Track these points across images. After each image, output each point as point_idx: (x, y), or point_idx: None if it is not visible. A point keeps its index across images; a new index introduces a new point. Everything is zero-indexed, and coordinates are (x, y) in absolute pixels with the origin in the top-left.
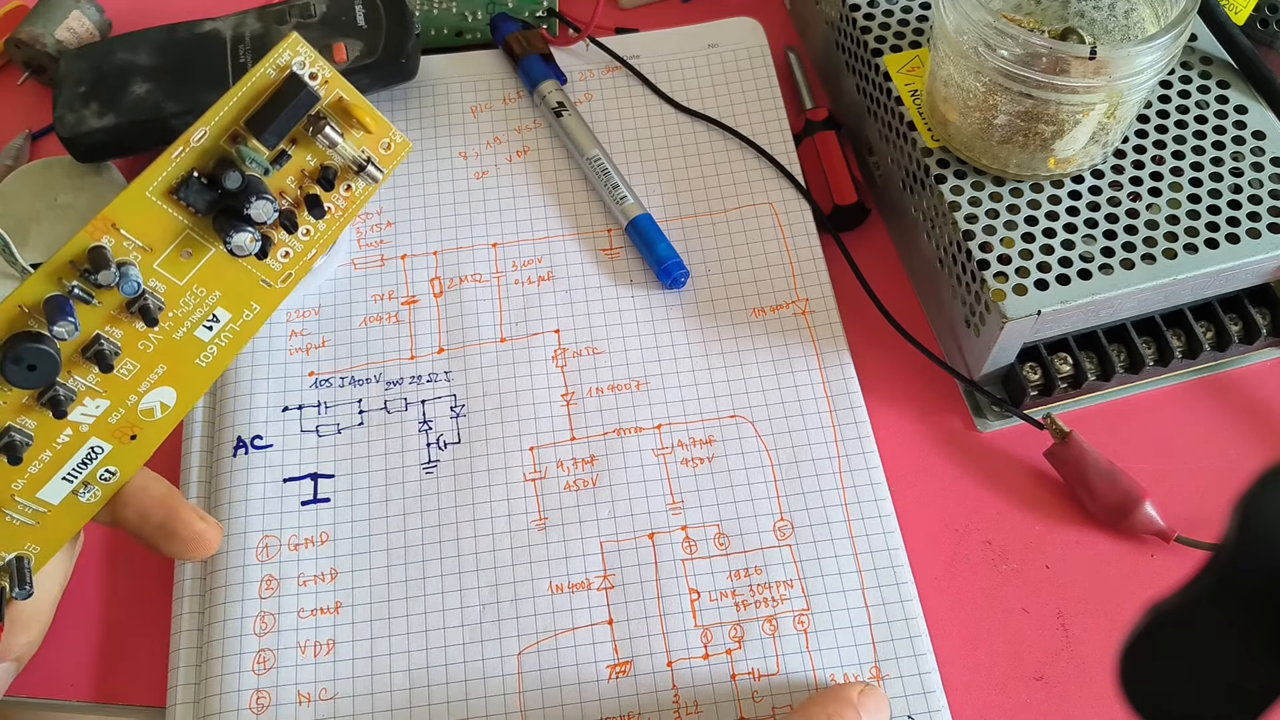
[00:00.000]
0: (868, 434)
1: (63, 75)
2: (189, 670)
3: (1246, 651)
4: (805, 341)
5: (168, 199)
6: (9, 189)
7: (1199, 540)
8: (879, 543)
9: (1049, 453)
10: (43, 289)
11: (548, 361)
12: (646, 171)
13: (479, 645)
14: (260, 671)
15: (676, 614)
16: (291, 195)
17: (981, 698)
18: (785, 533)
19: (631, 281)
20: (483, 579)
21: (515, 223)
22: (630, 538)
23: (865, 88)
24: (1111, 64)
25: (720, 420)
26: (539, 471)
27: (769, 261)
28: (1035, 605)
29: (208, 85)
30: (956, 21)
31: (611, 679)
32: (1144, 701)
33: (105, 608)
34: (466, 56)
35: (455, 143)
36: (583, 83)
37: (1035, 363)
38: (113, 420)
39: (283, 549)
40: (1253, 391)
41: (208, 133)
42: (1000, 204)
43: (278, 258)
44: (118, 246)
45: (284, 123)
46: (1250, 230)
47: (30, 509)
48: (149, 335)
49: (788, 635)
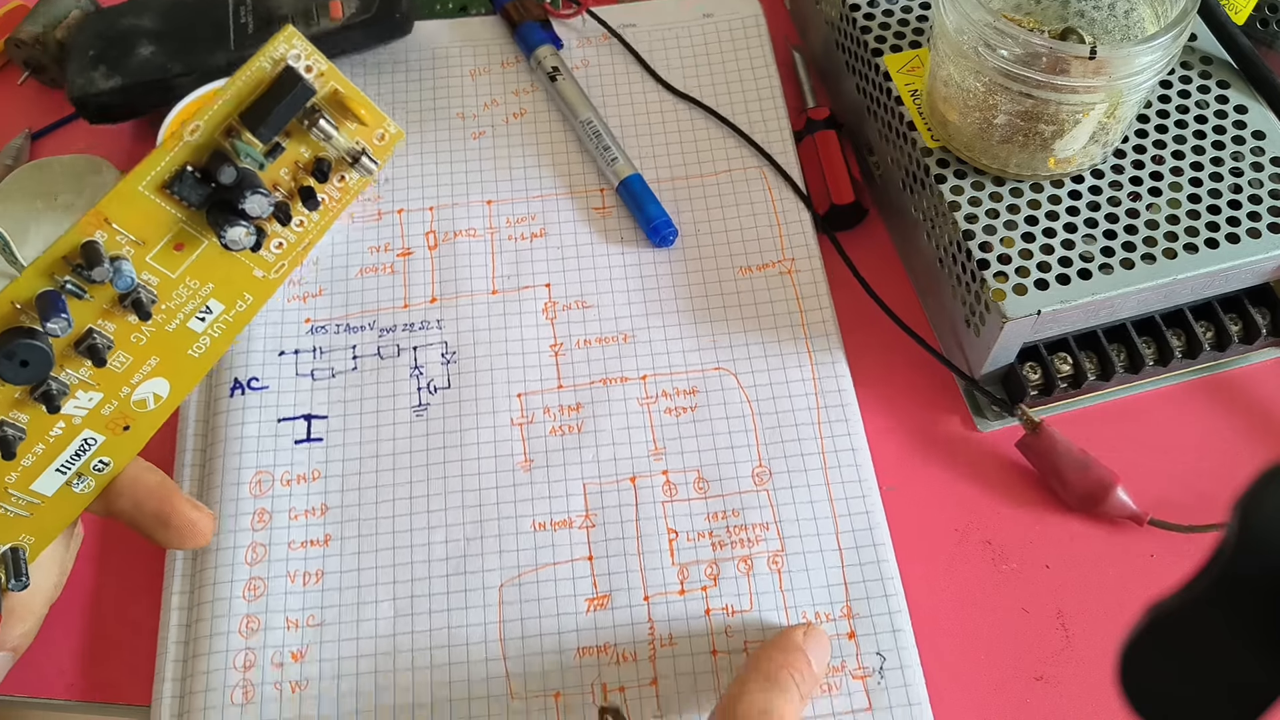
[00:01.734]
0: (848, 386)
1: (74, 42)
2: (182, 596)
3: (1246, 651)
4: (789, 299)
5: (161, 193)
6: (9, 189)
7: (1171, 522)
8: (854, 489)
9: (1020, 444)
10: (36, 285)
11: (538, 314)
12: (640, 135)
13: (462, 577)
14: (250, 598)
15: (655, 552)
16: (285, 187)
17: (982, 697)
18: (763, 478)
19: (622, 239)
20: (468, 515)
21: (510, 181)
22: (612, 480)
23: (865, 88)
24: (1111, 64)
25: (704, 372)
26: (526, 417)
27: (757, 223)
28: (1035, 605)
29: (210, 46)
30: (956, 21)
31: (590, 612)
32: (1144, 701)
33: (94, 592)
34: (467, 22)
35: (454, 104)
36: (579, 49)
37: (1035, 362)
38: (105, 412)
39: (275, 485)
40: (1253, 391)
41: (202, 127)
42: (1000, 204)
43: (271, 249)
44: (110, 241)
45: (280, 117)
46: (1250, 230)
47: (24, 501)
48: (142, 328)
49: (762, 575)
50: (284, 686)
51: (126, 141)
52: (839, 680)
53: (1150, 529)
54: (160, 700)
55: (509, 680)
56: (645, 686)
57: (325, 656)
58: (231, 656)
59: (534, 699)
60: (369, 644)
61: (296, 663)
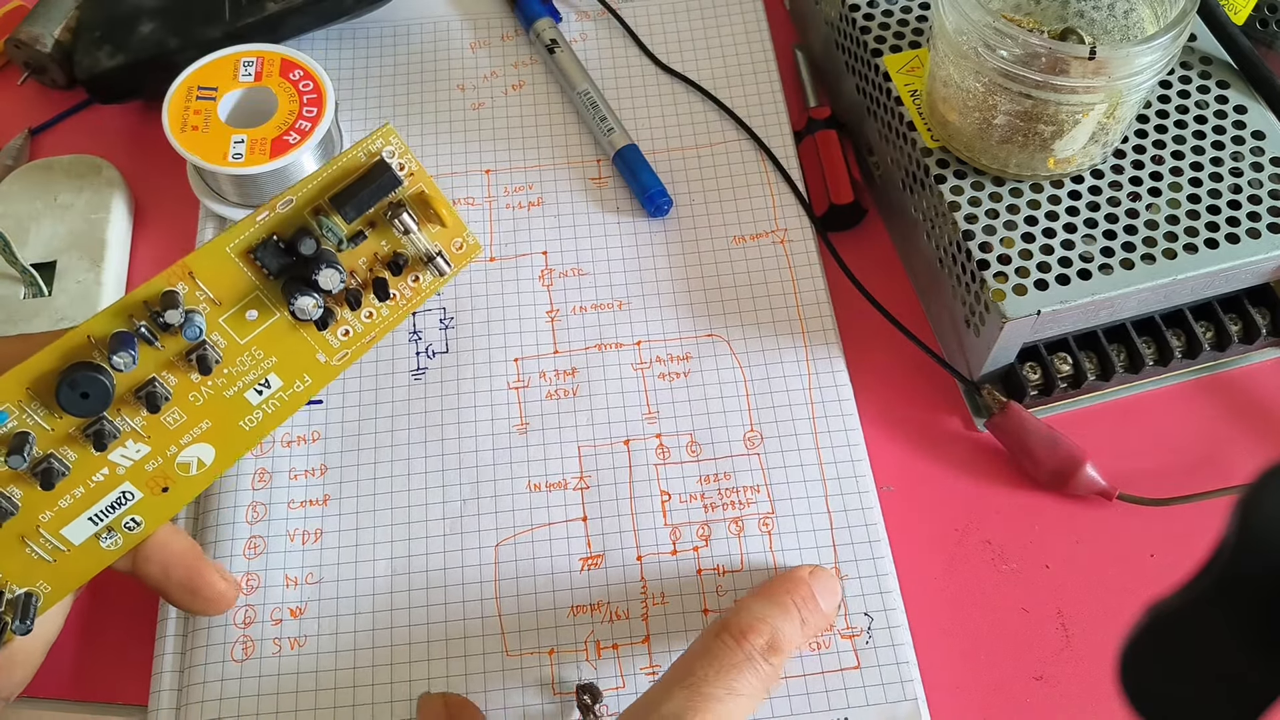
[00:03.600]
0: (838, 354)
1: (80, 23)
2: None
3: (1246, 651)
4: (782, 267)
5: (245, 258)
6: (9, 189)
7: (1140, 496)
8: (843, 454)
9: (990, 424)
10: (113, 324)
11: (534, 280)
12: (637, 107)
13: (459, 537)
14: (251, 556)
15: (648, 513)
16: (361, 276)
17: (982, 697)
18: (754, 442)
19: (618, 209)
20: (464, 476)
21: (508, 151)
22: (607, 443)
23: (865, 88)
24: (1111, 64)
25: (697, 339)
26: (522, 381)
27: (751, 193)
28: (1035, 605)
29: (206, 20)
30: (956, 22)
31: (584, 571)
32: (1144, 701)
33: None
34: None
35: (454, 76)
36: (578, 23)
37: (1035, 363)
38: (149, 468)
39: (275, 445)
40: (1253, 391)
41: (294, 201)
42: (1000, 204)
43: (337, 335)
44: (190, 295)
45: (366, 200)
46: (1250, 230)
47: (51, 545)
48: (201, 388)
49: (752, 536)
50: (283, 642)
51: (126, 141)
52: (827, 639)
53: (1151, 525)
54: (161, 656)
55: (504, 638)
56: (638, 644)
57: (324, 614)
58: (232, 613)
59: (528, 656)
60: (366, 601)
61: (295, 619)
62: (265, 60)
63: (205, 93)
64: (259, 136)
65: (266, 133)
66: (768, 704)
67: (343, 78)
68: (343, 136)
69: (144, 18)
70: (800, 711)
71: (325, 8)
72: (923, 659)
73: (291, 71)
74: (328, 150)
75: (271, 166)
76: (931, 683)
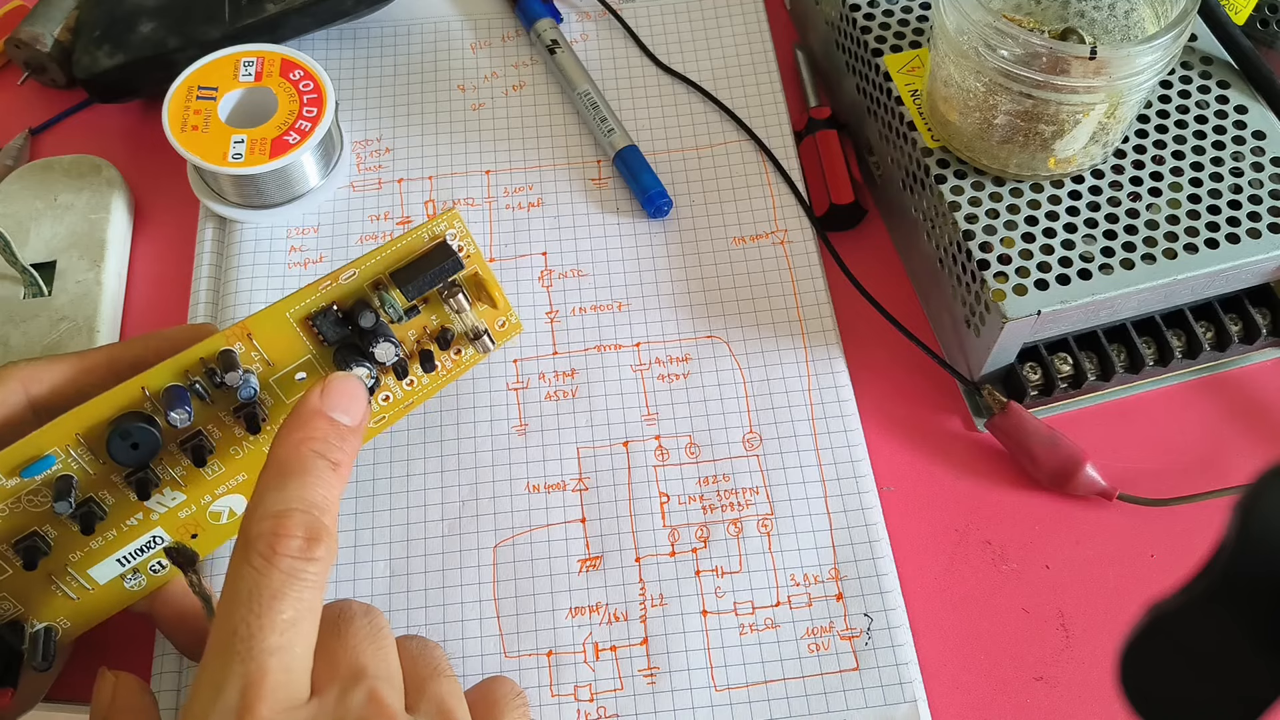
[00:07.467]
0: (838, 354)
1: (81, 22)
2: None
3: (1246, 651)
4: (782, 269)
5: (303, 324)
6: (9, 189)
7: (1140, 496)
8: (843, 455)
9: (990, 424)
10: (169, 378)
11: (534, 281)
12: (637, 108)
13: (457, 537)
14: None
15: (646, 515)
16: (409, 346)
17: (982, 698)
18: (754, 444)
19: (618, 210)
20: (463, 477)
21: (508, 152)
22: (606, 444)
23: (865, 88)
24: (1111, 64)
25: (697, 340)
26: (521, 382)
27: (751, 194)
28: (1035, 605)
29: (206, 20)
30: (956, 21)
31: (582, 572)
32: (1144, 701)
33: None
34: None
35: (455, 76)
36: (579, 24)
37: (1035, 363)
38: (183, 515)
39: None
40: (1253, 391)
41: (357, 274)
42: (1000, 204)
43: (378, 399)
44: (244, 355)
45: (427, 280)
46: (1250, 230)
47: (76, 583)
48: (243, 443)
49: (751, 537)
50: None
51: (126, 141)
52: (827, 641)
53: (1152, 525)
54: (162, 657)
55: (502, 639)
56: (636, 646)
57: None
58: None
59: (527, 657)
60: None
61: None
62: (265, 60)
63: (205, 93)
64: (259, 136)
65: (266, 133)
66: (767, 706)
67: (343, 78)
68: (343, 137)
69: (144, 17)
70: (799, 714)
71: (325, 9)
72: (923, 659)
73: (292, 71)
74: (328, 150)
75: (271, 166)
76: (932, 683)
